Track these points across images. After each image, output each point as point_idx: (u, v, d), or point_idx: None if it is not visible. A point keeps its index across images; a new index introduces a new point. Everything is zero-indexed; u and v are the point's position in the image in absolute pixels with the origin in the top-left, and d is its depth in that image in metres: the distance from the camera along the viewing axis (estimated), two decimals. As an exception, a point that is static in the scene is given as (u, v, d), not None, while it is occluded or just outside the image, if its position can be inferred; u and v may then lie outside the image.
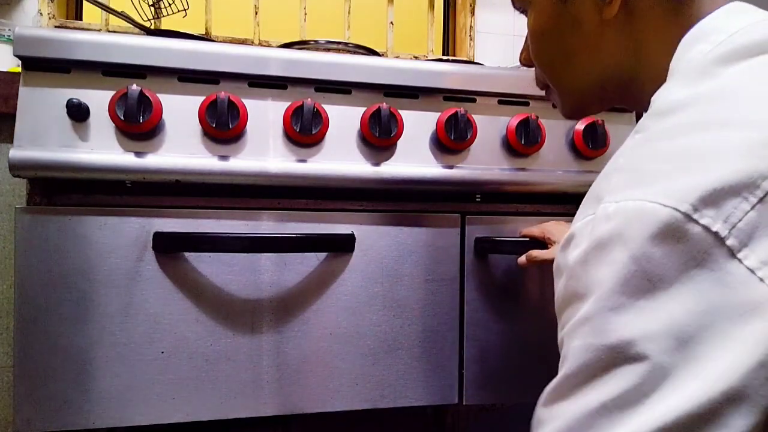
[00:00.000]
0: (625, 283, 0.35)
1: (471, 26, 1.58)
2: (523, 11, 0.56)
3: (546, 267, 0.86)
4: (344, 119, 0.81)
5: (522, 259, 0.81)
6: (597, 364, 0.36)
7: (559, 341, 0.42)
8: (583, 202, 0.44)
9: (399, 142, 0.83)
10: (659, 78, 0.46)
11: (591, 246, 0.38)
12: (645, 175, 0.37)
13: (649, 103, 0.44)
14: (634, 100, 0.53)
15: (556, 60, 0.53)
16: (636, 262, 0.35)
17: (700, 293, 0.33)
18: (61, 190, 0.75)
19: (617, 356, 0.35)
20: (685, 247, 0.33)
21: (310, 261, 0.79)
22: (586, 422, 0.36)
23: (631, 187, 0.37)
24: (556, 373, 0.41)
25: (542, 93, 0.63)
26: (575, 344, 0.38)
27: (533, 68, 0.60)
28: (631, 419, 0.34)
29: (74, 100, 0.71)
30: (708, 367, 0.33)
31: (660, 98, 0.43)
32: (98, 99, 0.73)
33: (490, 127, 0.86)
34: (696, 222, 0.33)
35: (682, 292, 0.34)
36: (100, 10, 1.19)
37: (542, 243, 0.82)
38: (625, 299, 0.35)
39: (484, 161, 0.85)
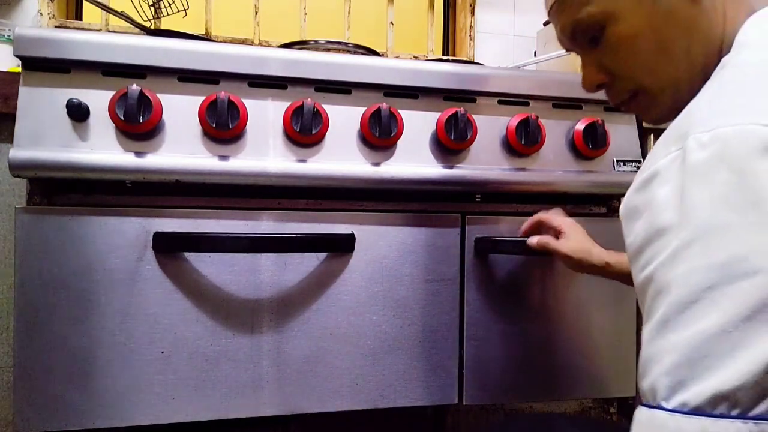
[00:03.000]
0: (731, 201, 0.35)
1: (471, 26, 1.58)
2: (596, 33, 0.55)
3: (547, 263, 0.86)
4: (344, 119, 0.81)
5: (533, 240, 0.79)
6: (707, 285, 0.35)
7: (640, 283, 0.41)
8: (656, 145, 0.44)
9: (399, 142, 0.83)
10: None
11: (687, 174, 0.38)
12: (735, 104, 0.39)
13: None
14: None
15: (654, 58, 0.53)
16: (742, 178, 0.35)
17: None
18: (61, 190, 0.75)
19: (730, 273, 0.34)
20: None
21: (310, 261, 0.79)
22: (706, 349, 0.34)
23: (722, 116, 0.38)
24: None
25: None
26: (678, 271, 0.37)
27: (593, 86, 0.58)
28: (759, 338, 0.33)
29: (74, 100, 0.70)
30: None
31: (738, 56, 0.45)
32: (98, 99, 0.73)
33: (490, 127, 0.86)
34: None
35: None
36: (100, 10, 1.19)
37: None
38: (734, 216, 0.35)
39: (484, 161, 0.85)
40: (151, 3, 1.20)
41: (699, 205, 0.37)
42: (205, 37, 1.33)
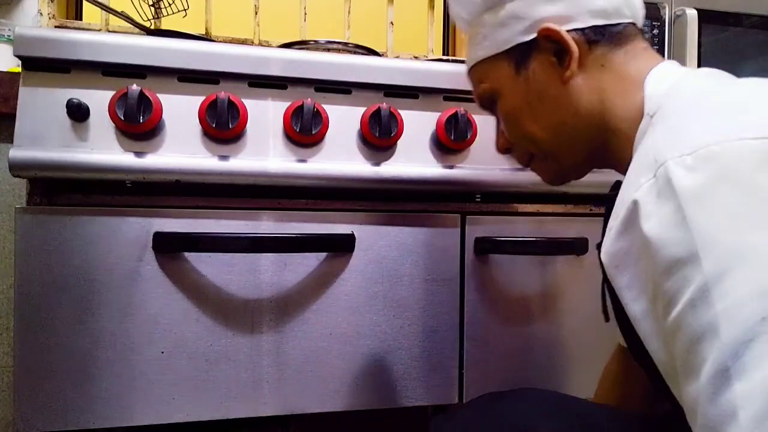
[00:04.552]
0: (753, 220, 0.33)
1: (471, 26, 1.58)
2: (492, 105, 0.62)
3: (548, 263, 0.86)
4: (344, 119, 0.81)
5: None
6: (761, 315, 0.31)
7: (663, 331, 0.37)
8: (621, 190, 0.43)
9: (399, 142, 0.83)
10: (629, 117, 0.51)
11: (683, 201, 0.35)
12: (710, 125, 0.38)
13: (621, 151, 0.52)
14: (611, 149, 0.55)
15: (533, 129, 0.57)
16: (755, 194, 0.33)
17: None
18: (61, 190, 0.75)
19: None
20: None
21: (310, 261, 0.79)
22: None
23: (700, 137, 0.37)
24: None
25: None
26: (718, 309, 0.32)
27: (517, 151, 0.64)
28: None
29: (74, 100, 0.70)
30: None
31: (673, 98, 0.46)
32: (98, 99, 0.73)
33: (490, 127, 0.86)
34: None
35: None
36: (100, 10, 1.19)
37: (543, 241, 0.81)
38: (764, 234, 0.32)
39: (484, 161, 0.85)
40: (151, 3, 1.19)
41: (715, 230, 0.33)
42: (205, 37, 1.33)
